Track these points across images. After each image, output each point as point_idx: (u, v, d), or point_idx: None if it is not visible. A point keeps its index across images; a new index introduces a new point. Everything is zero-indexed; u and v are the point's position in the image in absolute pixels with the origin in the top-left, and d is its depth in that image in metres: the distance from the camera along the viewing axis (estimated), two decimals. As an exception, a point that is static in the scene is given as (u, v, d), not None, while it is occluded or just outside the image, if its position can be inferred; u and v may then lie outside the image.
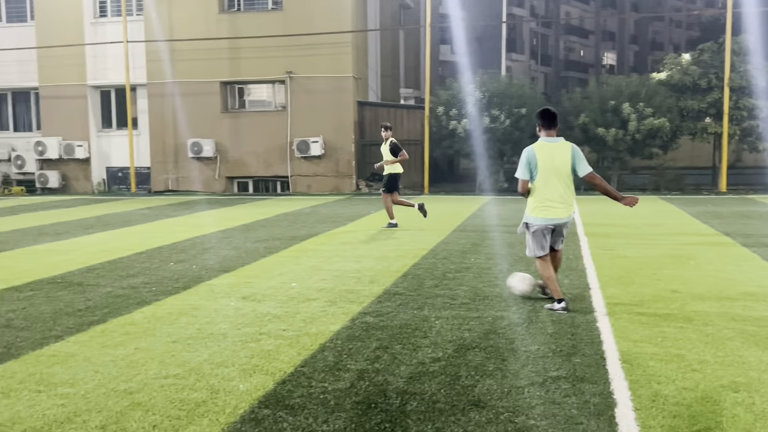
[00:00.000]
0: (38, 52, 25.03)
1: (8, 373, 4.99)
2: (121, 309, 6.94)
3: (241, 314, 6.66)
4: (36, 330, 6.18)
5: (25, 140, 25.83)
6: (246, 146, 24.33)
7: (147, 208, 18.68)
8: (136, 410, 4.26)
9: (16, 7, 25.84)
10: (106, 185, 25.59)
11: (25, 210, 18.74)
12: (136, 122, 25.16)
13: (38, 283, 8.34)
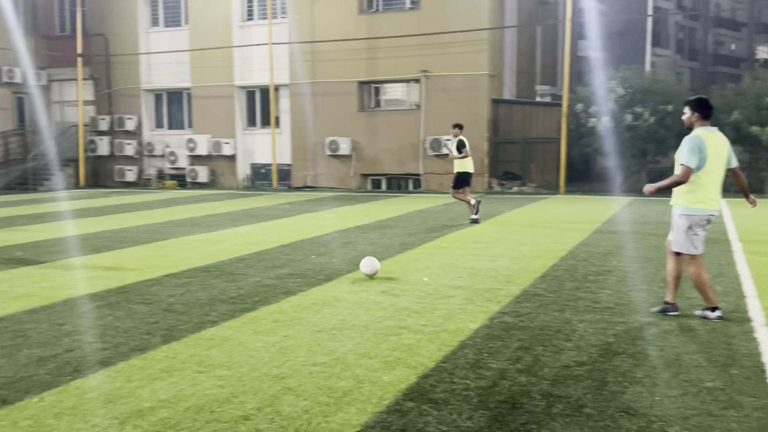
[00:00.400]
0: (191, 55, 26.72)
1: (172, 354, 5.39)
2: (270, 298, 7.29)
3: (381, 308, 6.81)
4: (194, 315, 6.63)
5: (177, 137, 27.67)
6: (380, 144, 24.78)
7: (288, 203, 19.48)
8: (288, 395, 4.48)
9: (172, 13, 27.70)
10: (250, 181, 26.92)
11: (177, 203, 20.08)
12: (279, 121, 26.27)
13: (193, 271, 8.93)
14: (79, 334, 5.96)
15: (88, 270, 9.13)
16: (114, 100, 28.28)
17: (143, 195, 23.41)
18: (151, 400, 4.41)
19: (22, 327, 6.20)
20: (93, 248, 11.03)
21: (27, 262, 9.73)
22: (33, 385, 4.68)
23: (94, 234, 12.81)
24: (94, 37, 27.90)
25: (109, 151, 28.01)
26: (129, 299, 7.29)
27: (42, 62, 28.82)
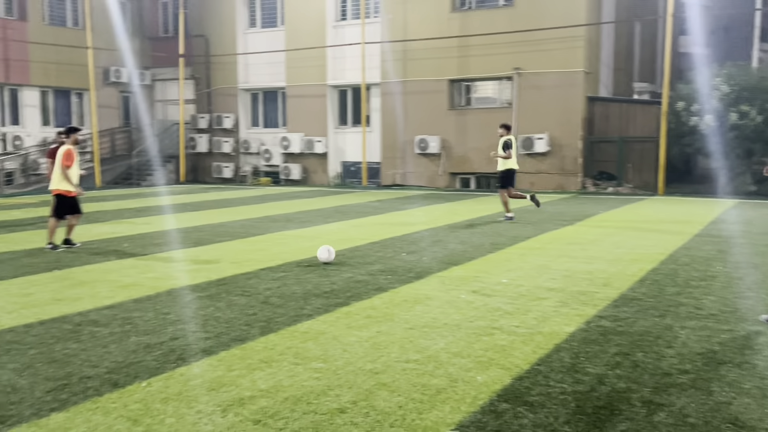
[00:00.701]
0: (286, 55, 27.36)
1: (269, 345, 5.55)
2: (362, 294, 7.39)
3: (473, 307, 6.77)
4: (290, 308, 6.80)
5: (272, 135, 28.40)
6: (470, 143, 24.60)
7: (377, 201, 19.65)
8: (382, 390, 4.53)
9: (269, 14, 28.44)
10: (340, 178, 27.32)
11: (272, 199, 20.62)
12: (369, 119, 26.53)
13: (288, 265, 9.16)
14: (182, 323, 6.23)
15: (190, 262, 9.52)
16: (213, 99, 29.31)
17: (239, 191, 24.17)
18: (252, 389, 4.56)
19: (130, 315, 6.54)
20: (194, 241, 11.48)
21: (133, 254, 10.24)
22: (141, 371, 4.93)
23: (195, 228, 13.33)
24: (195, 38, 29.01)
25: (208, 149, 29.06)
26: (228, 291, 7.55)
27: (146, 62, 30.22)
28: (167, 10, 30.52)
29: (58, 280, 8.21)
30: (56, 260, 9.63)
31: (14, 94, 25.57)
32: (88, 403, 4.31)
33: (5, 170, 24.77)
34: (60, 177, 10.64)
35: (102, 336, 5.81)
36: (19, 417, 4.09)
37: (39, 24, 25.80)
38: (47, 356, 5.26)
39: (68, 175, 10.63)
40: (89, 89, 26.92)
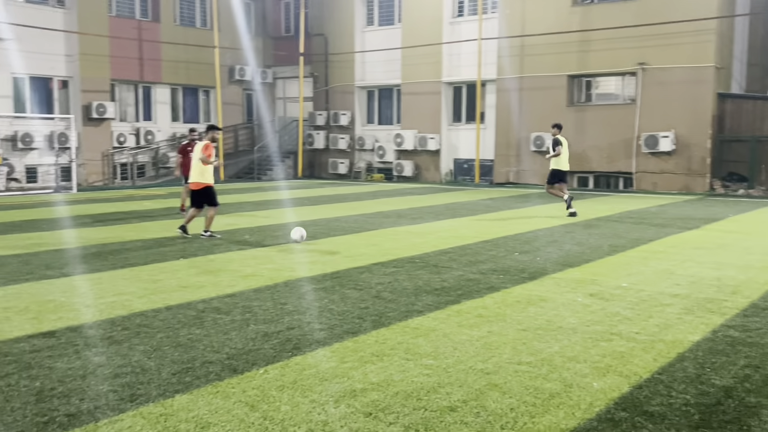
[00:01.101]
0: (402, 52, 27.55)
1: (381, 339, 5.60)
2: (473, 292, 7.33)
3: (590, 311, 6.56)
4: (401, 303, 6.84)
5: (386, 132, 28.69)
6: (589, 140, 23.83)
7: (490, 199, 19.43)
8: (493, 391, 4.46)
9: (387, 12, 28.74)
10: (452, 175, 27.23)
11: (384, 195, 20.84)
12: (484, 116, 26.26)
13: (400, 261, 9.22)
14: (298, 313, 6.41)
15: (306, 254, 9.79)
16: (330, 97, 29.97)
17: (353, 187, 24.60)
18: (363, 381, 4.62)
19: (250, 304, 6.79)
20: (310, 235, 11.78)
21: (253, 245, 10.64)
22: (259, 358, 5.11)
23: (311, 221, 13.69)
24: (315, 37, 29.77)
25: (325, 145, 29.75)
26: (342, 284, 7.70)
27: (269, 61, 31.31)
28: (289, 10, 31.47)
29: (184, 269, 8.65)
30: (182, 249, 10.16)
31: (147, 92, 27.20)
32: (210, 387, 4.51)
33: (138, 163, 26.42)
34: (200, 170, 11.21)
35: (223, 323, 6.07)
36: (146, 396, 4.34)
37: (170, 24, 27.29)
38: (173, 340, 5.55)
39: (207, 170, 11.26)
40: (215, 87, 28.22)
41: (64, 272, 8.38)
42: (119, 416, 4.02)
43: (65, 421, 3.94)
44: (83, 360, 5.03)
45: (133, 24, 26.04)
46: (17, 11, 22.49)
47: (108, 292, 7.27)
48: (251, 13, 30.82)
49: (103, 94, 24.91)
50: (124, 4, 26.12)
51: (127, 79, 26.16)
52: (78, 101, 24.39)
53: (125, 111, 26.54)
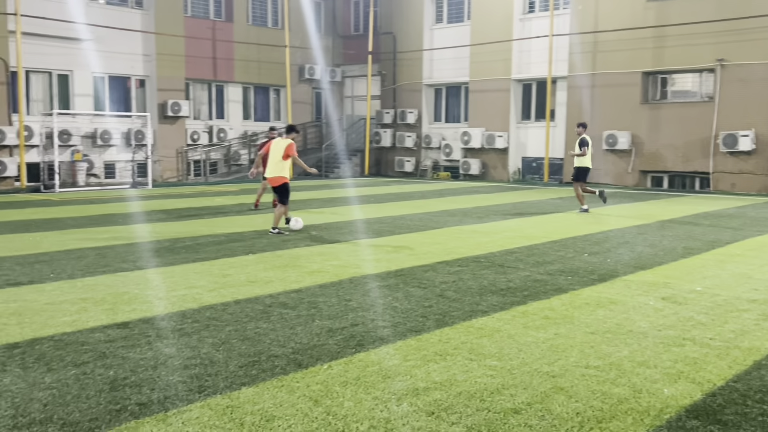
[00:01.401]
0: (471, 49, 27.34)
1: (444, 338, 5.58)
2: (540, 293, 7.21)
3: (662, 315, 6.36)
4: (465, 303, 6.79)
5: (453, 130, 28.55)
6: (664, 139, 23.11)
7: (559, 198, 19.08)
8: (559, 394, 4.38)
9: (456, 9, 28.58)
10: (520, 174, 26.87)
11: (450, 193, 20.74)
12: (554, 114, 25.81)
13: (465, 260, 9.16)
14: (362, 310, 6.45)
15: (371, 252, 9.84)
16: (398, 95, 30.03)
17: (419, 185, 24.58)
18: (426, 380, 4.61)
19: (315, 299, 6.87)
20: (375, 232, 11.85)
21: (320, 241, 10.77)
22: (323, 354, 5.16)
23: (377, 219, 13.75)
24: (383, 35, 29.87)
25: (391, 143, 29.82)
26: (406, 282, 7.70)
27: (338, 60, 31.60)
28: (358, 9, 31.68)
29: (253, 264, 8.83)
30: (251, 245, 10.36)
31: (220, 90, 27.86)
32: (275, 381, 4.59)
33: (210, 160, 27.10)
34: (280, 166, 11.52)
35: (289, 318, 6.16)
36: (214, 388, 4.45)
37: (243, 24, 27.86)
38: (241, 333, 5.67)
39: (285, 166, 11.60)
40: (286, 86, 28.67)
41: (138, 265, 8.67)
42: (188, 407, 4.13)
43: (136, 410, 4.07)
44: (155, 351, 5.19)
45: (208, 24, 26.72)
46: (98, 12, 23.40)
47: (180, 286, 7.49)
48: (321, 13, 31.18)
49: (178, 93, 25.66)
50: (199, 4, 26.83)
51: (201, 78, 26.86)
52: (154, 100, 25.20)
53: (199, 109, 27.26)
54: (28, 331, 5.69)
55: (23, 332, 5.65)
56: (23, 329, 5.74)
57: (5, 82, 21.17)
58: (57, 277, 7.89)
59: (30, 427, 3.82)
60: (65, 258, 9.09)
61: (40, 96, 22.90)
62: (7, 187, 21.11)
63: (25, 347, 5.25)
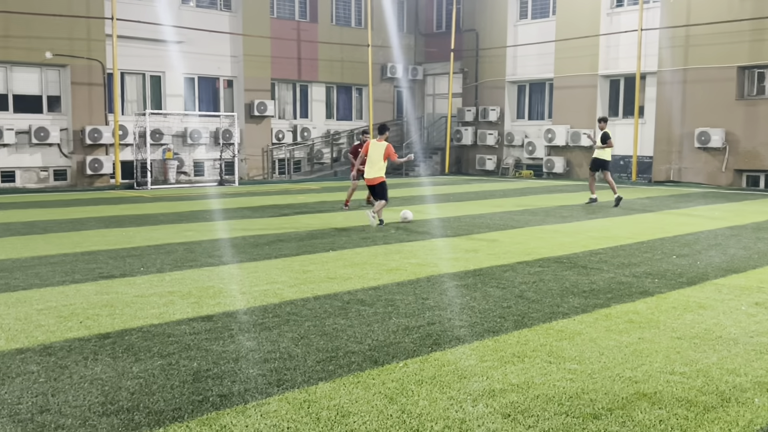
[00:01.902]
0: (556, 45, 26.79)
1: (523, 340, 5.49)
2: (624, 296, 6.99)
3: (755, 321, 6.05)
4: (545, 304, 6.66)
5: (536, 128, 28.06)
6: (761, 137, 21.96)
7: (647, 198, 18.45)
8: (641, 400, 4.23)
9: (541, 5, 28.06)
10: (606, 173, 26.13)
11: (532, 192, 20.39)
12: (642, 111, 24.97)
13: (546, 260, 8.98)
14: (439, 309, 6.42)
15: (449, 250, 9.79)
16: (480, 92, 29.76)
17: (501, 183, 24.29)
18: (503, 382, 4.54)
19: (393, 297, 6.90)
20: (454, 231, 11.78)
21: (399, 239, 10.80)
22: (399, 352, 5.17)
23: (456, 218, 13.67)
24: (466, 32, 29.67)
25: (472, 141, 29.59)
26: (484, 282, 7.62)
27: (420, 58, 31.62)
28: (441, 7, 31.58)
29: (332, 261, 8.94)
30: (332, 242, 10.51)
31: (304, 90, 28.37)
32: (351, 377, 4.63)
33: (294, 158, 27.64)
34: (378, 166, 12.60)
35: (367, 315, 6.21)
36: (292, 382, 4.53)
37: (327, 25, 28.27)
38: (319, 329, 5.75)
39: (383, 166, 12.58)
40: (368, 85, 28.90)
41: (223, 260, 8.94)
42: (266, 400, 4.23)
43: (218, 401, 4.20)
44: (236, 344, 5.34)
45: (293, 25, 27.25)
46: (189, 15, 24.27)
47: (262, 281, 7.67)
48: (404, 11, 31.27)
49: (263, 93, 26.29)
50: (285, 5, 27.40)
51: (286, 78, 27.42)
52: (241, 100, 25.91)
53: (284, 109, 27.85)
54: (119, 322, 5.96)
55: (114, 323, 5.92)
56: (114, 320, 6.01)
57: (102, 84, 22.25)
58: (147, 270, 8.23)
59: (118, 414, 4.00)
60: (155, 252, 9.47)
61: (134, 97, 23.95)
62: (103, 184, 22.19)
63: (116, 337, 5.50)
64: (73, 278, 7.73)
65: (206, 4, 25.17)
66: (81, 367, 4.78)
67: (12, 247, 9.79)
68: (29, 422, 3.87)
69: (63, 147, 21.86)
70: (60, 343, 5.32)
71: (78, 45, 21.63)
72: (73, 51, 21.52)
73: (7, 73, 20.99)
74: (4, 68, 20.89)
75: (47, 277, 7.79)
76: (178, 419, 3.94)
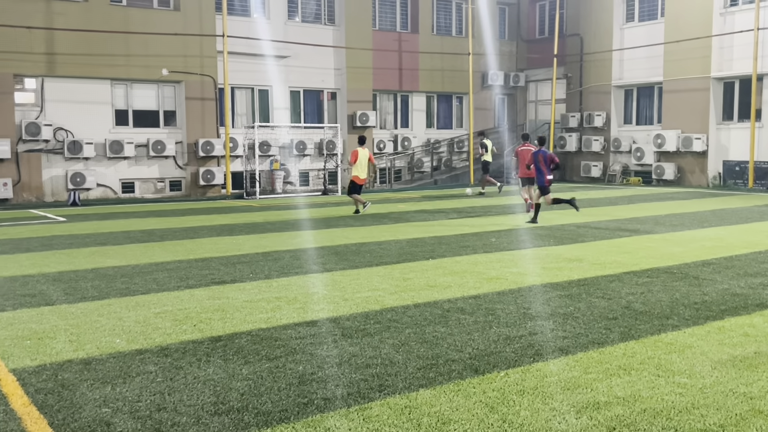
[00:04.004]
0: (665, 48, 25.77)
1: (629, 352, 5.33)
2: (739, 308, 6.65)
3: None
4: (653, 316, 6.44)
5: (645, 133, 27.04)
6: None
7: (766, 206, 17.41)
8: (757, 417, 4.03)
9: (649, 7, 27.08)
10: (721, 179, 24.85)
11: (641, 200, 19.67)
12: (760, 114, 23.60)
13: (655, 271, 8.66)
14: (541, 319, 6.33)
15: (552, 259, 9.61)
16: (584, 98, 29.03)
17: (607, 191, 23.57)
18: (608, 394, 4.44)
19: (493, 306, 6.86)
20: (557, 239, 11.56)
21: (499, 248, 10.71)
22: (500, 361, 5.15)
23: (559, 226, 13.40)
24: (569, 37, 29.05)
25: (577, 147, 28.89)
26: (589, 292, 7.44)
27: (522, 65, 31.22)
28: (544, 12, 31.10)
29: (432, 269, 8.99)
30: (431, 251, 10.55)
31: (405, 100, 28.63)
32: (452, 385, 4.65)
33: (395, 168, 27.92)
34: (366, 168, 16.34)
35: (467, 323, 6.21)
36: (393, 388, 4.61)
37: (428, 35, 28.42)
38: (419, 336, 5.81)
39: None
40: (468, 93, 28.82)
41: (327, 267, 9.17)
42: (368, 404, 4.32)
43: (322, 404, 4.33)
44: (340, 349, 5.47)
45: (394, 36, 27.58)
46: (295, 30, 25.06)
47: (364, 288, 7.82)
48: (505, 18, 31.01)
49: (365, 104, 26.73)
50: (386, 17, 27.78)
51: (387, 89, 27.77)
52: (344, 111, 26.46)
53: (385, 119, 28.20)
54: (229, 326, 6.25)
55: (225, 327, 6.21)
56: (225, 324, 6.30)
57: (214, 99, 23.32)
58: (255, 276, 8.56)
59: (228, 414, 4.20)
60: (263, 259, 9.83)
61: (243, 110, 24.94)
62: (215, 194, 23.22)
63: (226, 340, 5.77)
64: (188, 283, 8.15)
65: (311, 19, 25.90)
66: (195, 368, 5.04)
67: (132, 254, 10.43)
68: (147, 419, 4.13)
69: (178, 159, 23.04)
70: (175, 345, 5.63)
71: (191, 62, 22.78)
72: (187, 68, 22.68)
73: (128, 90, 22.37)
74: (124, 85, 22.29)
75: (164, 282, 8.26)
76: (284, 420, 4.09)
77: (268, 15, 24.62)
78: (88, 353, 5.43)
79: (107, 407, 4.31)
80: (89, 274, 8.82)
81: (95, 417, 4.16)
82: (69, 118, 21.14)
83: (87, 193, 21.28)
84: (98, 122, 21.66)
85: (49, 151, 20.91)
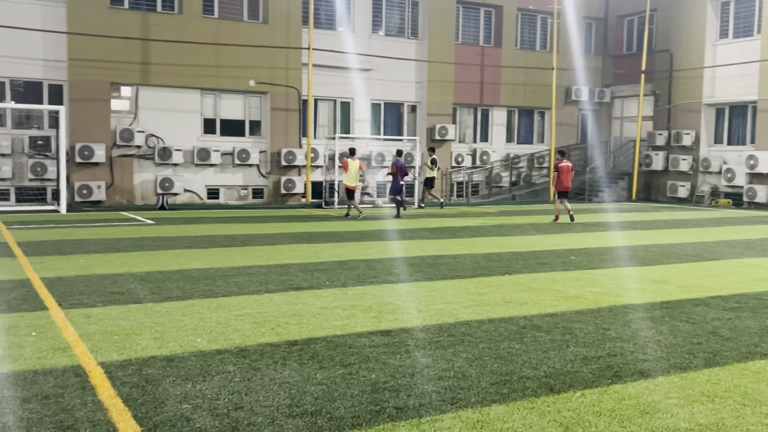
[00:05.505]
0: (761, 65, 24.70)
1: (713, 379, 5.12)
2: (836, 340, 6.28)
3: None
4: (741, 342, 6.16)
5: (736, 154, 25.95)
6: None
7: None
8: None
9: (744, 23, 26.03)
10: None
11: (731, 222, 18.86)
12: None
13: (744, 296, 8.29)
14: (621, 341, 6.16)
15: (634, 280, 9.34)
16: (672, 115, 28.13)
17: (694, 212, 22.73)
18: (689, 421, 4.28)
19: (571, 325, 6.72)
20: (640, 260, 11.22)
21: (579, 266, 10.49)
22: (576, 381, 5.04)
23: (642, 246, 13.01)
24: (658, 53, 28.25)
25: (663, 166, 27.99)
26: (672, 315, 7.19)
27: (607, 80, 30.54)
28: (632, 28, 30.36)
29: (508, 284, 8.89)
30: (507, 266, 10.44)
31: (485, 114, 28.47)
32: (525, 402, 4.59)
33: (472, 182, 27.76)
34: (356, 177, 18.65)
35: (543, 341, 6.11)
36: (466, 402, 4.58)
37: (512, 49, 28.21)
38: (494, 352, 5.75)
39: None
40: (551, 108, 28.41)
41: (402, 278, 9.20)
42: (440, 416, 4.31)
43: (394, 413, 4.35)
44: (413, 359, 5.49)
45: (477, 50, 27.51)
46: (378, 44, 25.36)
47: (438, 300, 7.81)
48: (592, 33, 30.46)
49: (445, 118, 26.74)
50: (470, 31, 27.76)
51: (468, 103, 27.70)
52: (423, 124, 26.55)
53: (464, 133, 28.12)
54: (306, 331, 6.36)
55: (301, 332, 6.32)
56: (301, 329, 6.42)
57: (297, 110, 23.84)
58: (332, 284, 8.68)
59: (303, 417, 4.27)
60: (339, 268, 9.96)
61: (325, 121, 25.39)
62: (295, 202, 23.69)
63: (302, 345, 5.87)
64: (267, 288, 8.35)
65: (395, 32, 26.16)
66: (271, 371, 5.16)
67: (215, 258, 10.76)
68: (225, 417, 4.25)
69: (261, 168, 23.65)
70: (254, 347, 5.78)
71: (277, 73, 23.38)
72: (273, 79, 23.29)
73: (216, 99, 23.16)
74: (213, 95, 23.09)
75: (244, 286, 8.49)
76: (356, 426, 4.13)
77: (353, 28, 25.01)
78: (171, 350, 5.64)
79: (188, 403, 4.47)
80: (174, 275, 9.16)
81: (176, 412, 4.32)
82: (160, 126, 22.06)
83: (174, 198, 22.12)
84: (187, 130, 22.51)
85: (141, 156, 21.86)
